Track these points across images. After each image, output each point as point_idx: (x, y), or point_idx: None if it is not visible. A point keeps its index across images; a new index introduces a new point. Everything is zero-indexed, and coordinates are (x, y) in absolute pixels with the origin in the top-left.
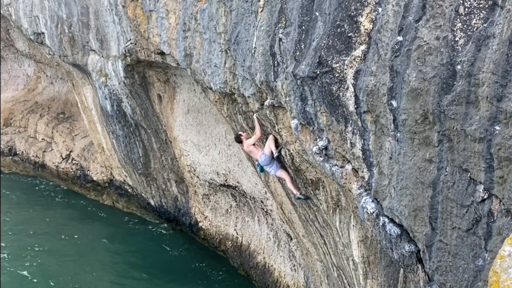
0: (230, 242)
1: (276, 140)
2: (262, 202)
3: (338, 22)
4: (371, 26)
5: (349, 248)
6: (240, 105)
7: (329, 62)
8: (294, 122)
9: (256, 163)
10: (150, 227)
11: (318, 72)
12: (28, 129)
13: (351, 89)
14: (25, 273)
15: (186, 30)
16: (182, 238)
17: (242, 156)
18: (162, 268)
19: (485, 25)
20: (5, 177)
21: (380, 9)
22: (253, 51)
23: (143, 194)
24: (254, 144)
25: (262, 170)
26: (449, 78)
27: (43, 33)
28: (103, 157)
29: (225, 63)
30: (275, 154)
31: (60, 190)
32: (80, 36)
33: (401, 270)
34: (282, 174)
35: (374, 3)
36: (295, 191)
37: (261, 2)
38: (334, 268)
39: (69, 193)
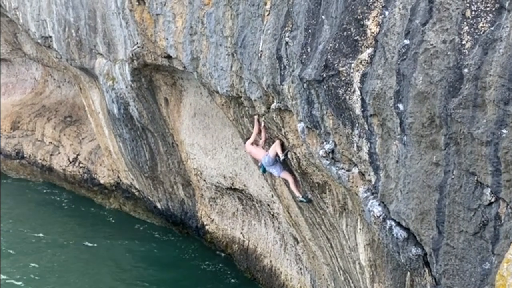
0: (236, 245)
1: (282, 145)
2: (268, 205)
3: (344, 26)
4: (377, 30)
5: (356, 251)
6: (246, 108)
7: (336, 65)
8: (300, 126)
9: (259, 164)
10: (156, 230)
11: (324, 76)
12: (36, 133)
13: (358, 92)
14: (27, 275)
15: (193, 34)
16: (189, 241)
17: (249, 160)
18: (169, 272)
19: (492, 28)
20: (11, 181)
21: (386, 13)
22: (259, 54)
23: (149, 198)
24: (252, 144)
25: (264, 171)
26: (456, 81)
27: (50, 36)
28: (110, 161)
29: (231, 66)
30: (282, 157)
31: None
32: (87, 40)
33: (408, 273)
34: (286, 175)
35: (380, 6)
36: (297, 194)
37: (268, 6)
38: (341, 272)
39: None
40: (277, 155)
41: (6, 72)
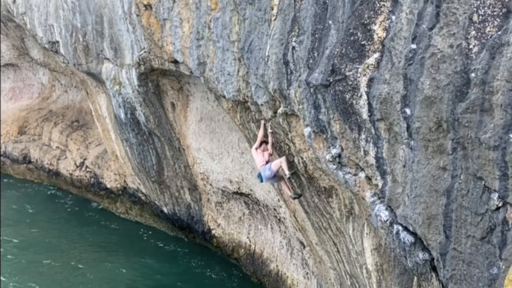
0: (243, 250)
1: (288, 161)
2: (275, 209)
3: (351, 30)
4: (384, 34)
5: (363, 256)
6: (253, 113)
7: (342, 70)
8: (307, 130)
9: (258, 173)
10: (162, 235)
11: (331, 80)
12: (43, 137)
13: (365, 97)
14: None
15: (200, 39)
16: (195, 246)
17: (255, 164)
18: (175, 277)
19: (499, 32)
20: (16, 184)
21: (393, 17)
22: (266, 59)
23: (156, 202)
24: (257, 149)
25: (262, 180)
26: (463, 86)
27: (57, 41)
28: (117, 165)
29: (238, 71)
30: (287, 175)
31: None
32: (95, 45)
33: (415, 278)
34: (281, 182)
35: (387, 11)
36: (289, 193)
37: (274, 11)
38: (347, 276)
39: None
40: (278, 170)
41: (13, 77)
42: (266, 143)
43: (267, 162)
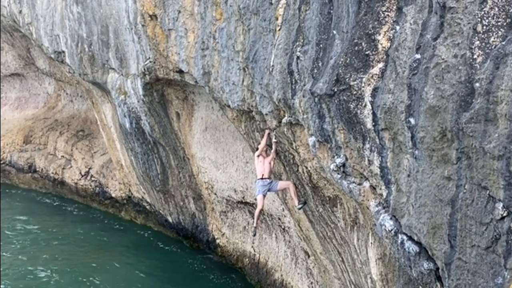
0: (247, 259)
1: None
2: (279, 219)
3: (355, 40)
4: (388, 44)
5: (367, 265)
6: (257, 122)
7: (347, 79)
8: (311, 140)
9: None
10: (167, 244)
11: (335, 90)
12: (48, 146)
13: (369, 106)
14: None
15: (205, 49)
16: (200, 255)
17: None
18: (179, 286)
19: (503, 43)
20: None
21: (397, 27)
22: (271, 69)
23: (161, 211)
24: (258, 156)
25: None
26: (467, 95)
27: (63, 51)
28: (122, 174)
29: (243, 81)
30: (298, 207)
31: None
32: (100, 55)
33: None
34: (260, 198)
35: (391, 21)
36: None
37: (279, 21)
38: (352, 286)
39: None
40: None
41: (19, 87)
42: (270, 146)
43: (262, 176)
